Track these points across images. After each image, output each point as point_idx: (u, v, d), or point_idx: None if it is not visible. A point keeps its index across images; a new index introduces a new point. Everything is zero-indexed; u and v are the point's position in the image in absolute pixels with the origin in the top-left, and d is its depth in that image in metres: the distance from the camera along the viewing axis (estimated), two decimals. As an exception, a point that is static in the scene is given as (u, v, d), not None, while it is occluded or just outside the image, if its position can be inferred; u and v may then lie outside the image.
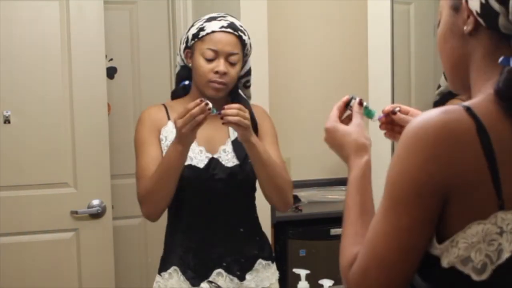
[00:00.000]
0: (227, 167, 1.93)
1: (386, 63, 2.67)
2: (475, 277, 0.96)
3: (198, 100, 1.76)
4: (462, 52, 1.05)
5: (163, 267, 1.99)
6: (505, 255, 0.95)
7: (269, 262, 2.03)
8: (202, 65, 1.90)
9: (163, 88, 3.37)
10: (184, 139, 1.78)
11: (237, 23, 1.97)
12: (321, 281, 1.87)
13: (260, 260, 2.00)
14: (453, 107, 0.96)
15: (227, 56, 1.91)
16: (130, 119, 3.28)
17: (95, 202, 2.82)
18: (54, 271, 2.81)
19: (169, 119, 1.97)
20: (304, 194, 3.55)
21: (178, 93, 2.08)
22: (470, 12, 1.01)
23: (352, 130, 1.24)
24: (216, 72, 1.89)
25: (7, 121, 2.73)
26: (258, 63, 2.81)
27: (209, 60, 1.90)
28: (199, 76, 1.93)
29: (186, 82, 2.04)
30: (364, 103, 1.24)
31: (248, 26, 2.05)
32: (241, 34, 1.94)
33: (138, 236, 3.26)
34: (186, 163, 1.89)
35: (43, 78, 2.77)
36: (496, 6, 0.97)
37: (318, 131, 4.32)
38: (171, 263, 1.96)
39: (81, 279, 2.84)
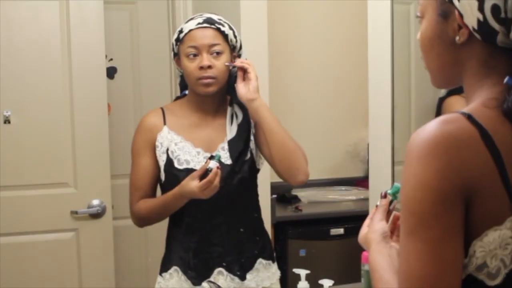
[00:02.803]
0: (226, 165, 1.92)
1: (386, 63, 2.67)
2: (488, 282, 0.95)
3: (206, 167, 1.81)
4: (452, 58, 1.05)
5: (164, 267, 1.99)
6: None
7: (270, 261, 2.03)
8: (187, 65, 1.92)
9: (163, 88, 3.37)
10: (195, 197, 1.83)
11: (215, 17, 1.97)
12: (321, 281, 1.87)
13: (260, 260, 2.00)
14: (453, 116, 0.96)
15: (209, 49, 1.91)
16: (130, 119, 3.28)
17: (95, 202, 2.82)
18: (54, 271, 2.81)
19: (164, 124, 1.98)
20: (304, 194, 3.55)
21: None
22: (464, 25, 1.00)
23: (371, 226, 1.19)
24: (201, 68, 1.89)
25: (7, 121, 2.73)
26: (258, 63, 2.81)
27: (192, 59, 1.91)
28: (188, 77, 1.94)
29: (186, 92, 2.05)
30: (388, 193, 1.21)
31: (248, 26, 2.06)
32: (219, 26, 1.94)
33: (138, 236, 3.26)
34: (183, 166, 1.92)
35: (43, 78, 2.77)
36: (495, 25, 0.97)
37: (318, 131, 4.34)
38: (172, 263, 1.96)
39: (81, 279, 2.84)
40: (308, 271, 1.91)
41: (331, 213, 3.37)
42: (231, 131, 1.96)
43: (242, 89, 1.91)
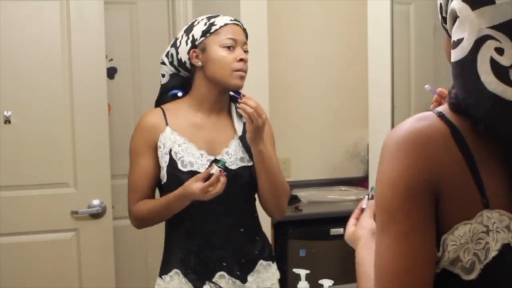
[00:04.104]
0: (230, 170, 1.91)
1: (386, 63, 2.67)
2: (464, 277, 0.96)
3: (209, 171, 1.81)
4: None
5: (164, 270, 1.98)
6: (492, 254, 0.95)
7: (270, 262, 2.03)
8: (225, 55, 1.91)
9: (163, 88, 3.37)
10: (196, 198, 1.83)
11: None
12: (321, 281, 1.87)
13: (261, 261, 1.99)
14: (425, 114, 0.98)
15: (242, 45, 1.94)
16: (130, 119, 3.28)
17: (95, 202, 2.82)
18: (54, 271, 2.81)
19: (167, 124, 1.96)
20: (304, 194, 3.55)
21: (166, 101, 2.05)
22: (441, 21, 1.05)
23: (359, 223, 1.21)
24: (241, 60, 1.91)
25: (7, 121, 2.73)
26: (258, 63, 2.81)
27: (229, 50, 1.91)
28: (222, 67, 1.91)
29: (180, 94, 2.03)
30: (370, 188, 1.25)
31: (248, 26, 2.06)
32: (245, 28, 1.99)
33: (138, 236, 3.25)
34: (187, 168, 1.90)
35: (44, 78, 2.77)
36: (445, 25, 1.04)
37: (317, 131, 4.34)
38: (172, 266, 1.95)
39: (81, 279, 2.84)
40: (308, 271, 1.91)
41: (331, 213, 3.37)
42: (239, 132, 1.97)
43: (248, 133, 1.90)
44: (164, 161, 1.92)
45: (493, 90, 0.92)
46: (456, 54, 0.97)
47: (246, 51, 1.95)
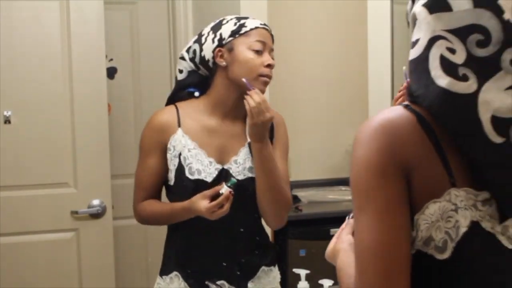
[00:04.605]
0: (236, 179, 1.87)
1: (386, 63, 2.67)
2: (438, 256, 1.00)
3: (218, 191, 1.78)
4: None
5: (165, 270, 1.97)
6: (462, 230, 1.00)
7: (271, 267, 2.00)
8: (253, 57, 1.86)
9: (163, 88, 3.37)
10: (201, 215, 1.80)
11: None
12: (321, 281, 1.87)
13: (263, 267, 1.97)
14: (393, 107, 1.08)
15: (270, 51, 1.92)
16: (130, 119, 3.28)
17: (95, 202, 2.82)
18: (54, 271, 2.81)
19: (179, 125, 1.91)
20: (304, 194, 3.55)
21: (181, 98, 1.99)
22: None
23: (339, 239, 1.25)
24: (268, 65, 1.88)
25: (7, 121, 2.73)
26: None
27: (258, 54, 1.87)
28: (248, 70, 1.86)
29: (197, 94, 1.96)
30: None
31: (248, 26, 2.05)
32: (272, 34, 1.96)
33: (138, 236, 3.26)
34: (194, 177, 1.86)
35: (44, 78, 2.77)
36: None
37: (318, 131, 4.34)
38: (172, 268, 1.94)
39: (81, 279, 2.84)
40: (308, 271, 1.91)
41: (331, 213, 3.36)
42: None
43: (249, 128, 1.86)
44: (173, 164, 1.89)
45: (440, 83, 1.00)
46: (413, 53, 1.06)
47: (272, 58, 1.92)
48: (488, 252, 1.02)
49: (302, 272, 1.91)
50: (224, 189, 1.78)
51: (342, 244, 1.18)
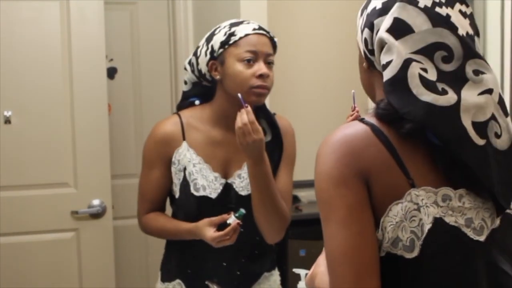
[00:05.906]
0: (241, 196, 1.85)
1: (386, 63, 2.67)
2: (407, 255, 1.05)
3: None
4: (368, 82, 1.27)
5: (167, 276, 1.95)
6: (427, 227, 1.05)
7: (272, 272, 2.00)
8: (242, 70, 1.77)
9: (163, 88, 3.38)
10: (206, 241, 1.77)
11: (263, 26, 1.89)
12: (321, 281, 1.87)
13: (264, 274, 1.97)
14: (350, 122, 1.16)
15: (265, 58, 1.80)
16: (130, 119, 3.28)
17: (95, 202, 2.82)
18: (54, 271, 2.81)
19: (184, 138, 1.86)
20: (304, 194, 3.55)
21: (184, 107, 1.95)
22: (364, 54, 1.23)
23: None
24: (260, 76, 1.77)
25: (7, 121, 2.73)
26: (258, 63, 2.81)
27: (249, 64, 1.77)
28: (239, 84, 1.77)
29: (197, 102, 1.93)
30: None
31: (248, 26, 2.04)
32: (272, 36, 1.87)
33: (138, 236, 3.24)
34: (199, 193, 1.83)
35: (44, 78, 2.77)
36: (369, 56, 1.21)
37: (318, 131, 4.32)
38: (175, 276, 1.92)
39: (81, 279, 2.84)
40: (308, 271, 1.91)
41: (331, 213, 3.36)
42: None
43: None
44: (177, 178, 1.86)
45: (425, 99, 1.06)
46: (387, 74, 1.11)
47: (270, 63, 1.82)
48: (455, 245, 1.06)
49: (302, 272, 1.91)
50: (232, 219, 1.75)
51: (319, 267, 1.23)
